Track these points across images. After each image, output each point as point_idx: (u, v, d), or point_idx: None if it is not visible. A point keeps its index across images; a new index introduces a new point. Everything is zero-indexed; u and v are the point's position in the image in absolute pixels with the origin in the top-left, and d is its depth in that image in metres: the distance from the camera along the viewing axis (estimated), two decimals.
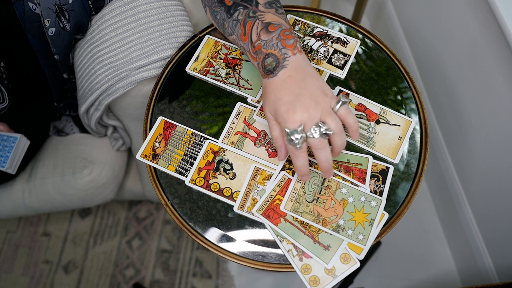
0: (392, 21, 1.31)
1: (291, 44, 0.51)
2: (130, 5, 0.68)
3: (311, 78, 0.51)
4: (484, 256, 1.05)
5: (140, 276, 1.23)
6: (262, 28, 0.53)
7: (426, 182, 1.31)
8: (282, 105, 0.50)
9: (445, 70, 1.04)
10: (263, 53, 0.52)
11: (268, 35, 0.52)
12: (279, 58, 0.51)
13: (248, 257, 0.54)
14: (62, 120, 0.98)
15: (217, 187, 0.57)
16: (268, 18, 0.53)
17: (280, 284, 1.19)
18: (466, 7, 0.90)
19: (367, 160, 0.57)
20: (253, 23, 0.53)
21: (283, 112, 0.50)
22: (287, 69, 0.51)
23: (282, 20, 0.54)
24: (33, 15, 0.67)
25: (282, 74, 0.51)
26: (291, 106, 0.49)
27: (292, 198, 0.55)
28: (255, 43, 0.53)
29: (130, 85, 0.69)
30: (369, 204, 0.54)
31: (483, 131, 0.95)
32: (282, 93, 0.50)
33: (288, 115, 0.49)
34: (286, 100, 0.50)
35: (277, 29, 0.52)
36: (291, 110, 0.49)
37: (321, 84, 0.51)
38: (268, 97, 0.52)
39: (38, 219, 1.32)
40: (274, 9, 0.55)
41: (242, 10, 0.55)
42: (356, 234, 0.53)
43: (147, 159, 0.58)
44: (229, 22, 0.57)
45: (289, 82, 0.50)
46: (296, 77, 0.51)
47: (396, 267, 1.21)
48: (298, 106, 0.49)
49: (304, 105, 0.49)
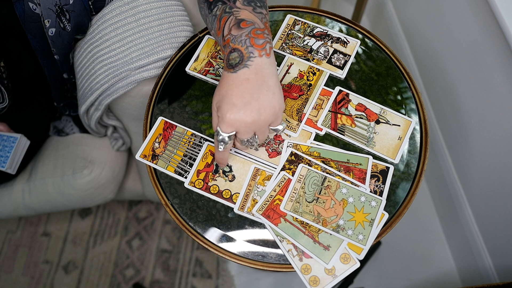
0: (392, 21, 1.31)
1: (260, 44, 0.51)
2: (130, 5, 0.68)
3: (267, 90, 0.50)
4: (484, 256, 1.05)
5: (140, 276, 1.23)
6: (234, 24, 0.52)
7: (426, 182, 1.31)
8: (228, 104, 0.50)
9: (445, 70, 1.04)
10: (230, 47, 0.52)
11: (238, 31, 0.51)
12: (244, 55, 0.50)
13: (248, 257, 0.54)
14: (62, 120, 0.98)
15: (216, 189, 0.57)
16: (243, 15, 0.53)
17: (280, 284, 1.19)
18: (466, 7, 0.90)
19: (367, 160, 0.57)
20: (227, 18, 0.53)
21: (224, 110, 0.50)
22: (248, 70, 0.50)
23: (257, 19, 0.53)
24: (33, 15, 0.67)
25: (242, 73, 0.50)
26: (235, 110, 0.49)
27: (292, 198, 0.55)
28: (225, 37, 0.53)
29: (130, 85, 0.69)
30: (369, 204, 0.54)
31: (483, 131, 0.95)
32: (234, 93, 0.50)
33: (226, 116, 0.49)
34: (233, 102, 0.49)
35: (249, 26, 0.51)
36: (233, 113, 0.49)
37: (275, 101, 0.51)
38: (219, 89, 0.52)
39: (38, 219, 1.32)
40: (251, 7, 0.54)
41: (220, 6, 0.54)
42: (356, 234, 0.53)
43: (146, 160, 0.58)
44: (209, 18, 0.57)
45: (245, 85, 0.50)
46: (253, 82, 0.50)
47: (396, 267, 1.21)
48: (241, 114, 0.49)
49: (246, 115, 0.49)
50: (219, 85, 0.52)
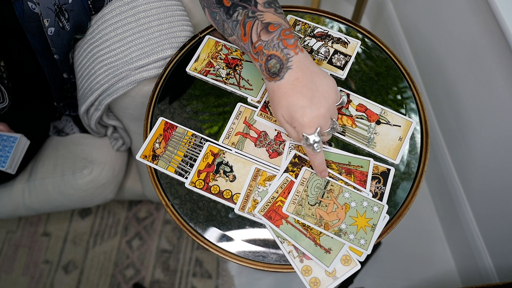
0: (392, 21, 1.31)
1: (292, 44, 0.51)
2: (130, 5, 0.68)
3: (318, 77, 0.51)
4: (484, 256, 1.05)
5: (140, 276, 1.22)
6: (262, 28, 0.52)
7: (426, 182, 1.31)
8: (298, 110, 0.50)
9: (445, 70, 1.04)
10: (265, 54, 0.52)
11: (268, 36, 0.52)
12: (282, 59, 0.51)
13: (248, 258, 0.54)
14: (62, 120, 0.98)
15: (217, 189, 0.57)
16: (268, 18, 0.53)
17: (280, 284, 1.19)
18: (466, 7, 0.90)
19: (368, 163, 0.57)
20: (252, 23, 0.53)
21: (299, 117, 0.50)
22: (293, 71, 0.50)
23: (282, 19, 0.54)
24: (32, 14, 0.67)
25: (288, 76, 0.51)
26: (307, 111, 0.49)
27: (295, 200, 0.55)
28: (256, 44, 0.53)
29: (130, 85, 0.69)
30: (372, 209, 0.54)
31: (483, 131, 0.95)
32: (295, 97, 0.50)
33: (304, 120, 0.49)
34: (301, 105, 0.50)
35: (277, 28, 0.52)
36: (307, 115, 0.49)
37: (329, 81, 0.52)
38: (279, 102, 0.51)
39: (38, 219, 1.32)
40: (273, 9, 0.54)
41: (241, 11, 0.54)
42: (358, 239, 0.52)
43: (147, 160, 0.58)
44: (228, 23, 0.56)
45: (299, 85, 0.50)
46: (304, 78, 0.50)
47: (396, 267, 1.21)
48: (314, 111, 0.49)
49: (318, 108, 0.50)
50: (275, 99, 0.52)
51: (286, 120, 0.52)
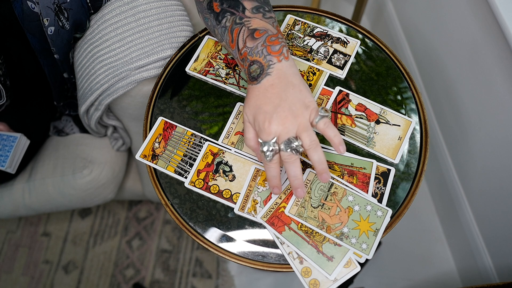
0: (392, 21, 1.31)
1: (276, 51, 0.51)
2: (130, 5, 0.68)
3: (293, 89, 0.50)
4: (484, 256, 1.05)
5: (140, 276, 1.22)
6: (248, 35, 0.52)
7: (426, 182, 1.31)
8: (261, 113, 0.50)
9: (445, 70, 1.04)
10: (249, 60, 0.52)
11: (253, 42, 0.52)
12: (264, 65, 0.51)
13: (248, 257, 0.54)
14: (62, 120, 0.98)
15: (216, 189, 0.57)
16: (255, 24, 0.53)
17: (280, 284, 1.19)
18: (466, 7, 0.90)
19: (371, 165, 0.57)
20: (239, 30, 0.53)
21: (260, 121, 0.50)
22: (271, 77, 0.51)
23: (269, 25, 0.53)
24: (32, 14, 0.67)
25: (265, 81, 0.51)
26: (268, 116, 0.49)
27: (298, 202, 0.54)
28: (242, 50, 0.53)
29: (130, 85, 0.69)
30: (375, 213, 0.54)
31: (483, 131, 0.95)
32: (263, 102, 0.50)
33: (264, 125, 0.49)
34: (264, 110, 0.50)
35: (263, 35, 0.52)
36: (267, 121, 0.49)
37: (303, 96, 0.51)
38: (249, 102, 0.52)
39: (38, 219, 1.32)
40: (261, 14, 0.54)
41: (229, 17, 0.54)
42: (359, 243, 0.52)
43: (146, 159, 0.58)
44: (218, 29, 0.57)
45: (271, 91, 0.50)
46: (278, 86, 0.50)
47: (396, 267, 1.21)
48: (274, 118, 0.49)
49: (281, 117, 0.49)
50: (247, 99, 0.52)
51: (250, 121, 0.52)
